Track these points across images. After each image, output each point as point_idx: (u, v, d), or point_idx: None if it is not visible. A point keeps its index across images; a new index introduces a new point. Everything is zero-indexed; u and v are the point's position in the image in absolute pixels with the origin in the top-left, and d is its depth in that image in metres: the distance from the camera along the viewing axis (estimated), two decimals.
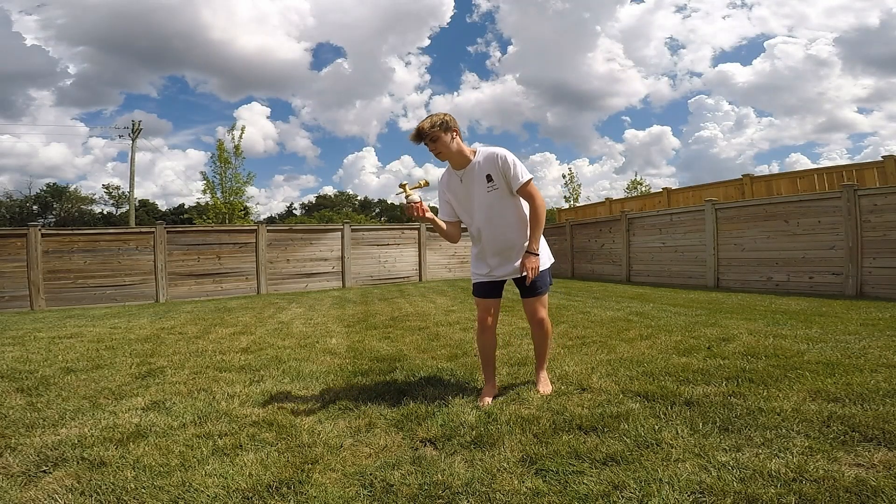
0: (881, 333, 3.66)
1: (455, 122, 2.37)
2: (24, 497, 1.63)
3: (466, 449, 1.90)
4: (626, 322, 4.70)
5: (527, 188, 2.36)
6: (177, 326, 5.53)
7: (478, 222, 2.45)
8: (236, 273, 10.16)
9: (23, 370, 3.46)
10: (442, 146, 2.33)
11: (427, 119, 2.35)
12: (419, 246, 12.12)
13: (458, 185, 2.45)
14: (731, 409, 2.15)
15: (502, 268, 2.47)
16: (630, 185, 29.24)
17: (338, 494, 1.59)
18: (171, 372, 3.31)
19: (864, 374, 2.58)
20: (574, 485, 1.58)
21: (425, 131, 2.30)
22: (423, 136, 2.32)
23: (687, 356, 3.18)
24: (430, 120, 2.33)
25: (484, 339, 2.55)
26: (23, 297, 8.40)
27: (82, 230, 9.77)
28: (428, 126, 2.31)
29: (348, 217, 38.63)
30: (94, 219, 43.45)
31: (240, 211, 21.04)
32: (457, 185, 2.46)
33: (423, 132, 2.31)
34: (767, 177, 10.03)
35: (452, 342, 4.02)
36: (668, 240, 9.49)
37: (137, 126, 27.06)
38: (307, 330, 5.01)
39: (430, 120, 2.33)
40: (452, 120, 2.36)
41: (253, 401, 2.60)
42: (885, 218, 6.21)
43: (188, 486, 1.66)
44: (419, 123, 2.35)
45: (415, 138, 2.36)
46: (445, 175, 2.53)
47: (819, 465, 1.61)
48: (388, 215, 57.72)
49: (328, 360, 3.52)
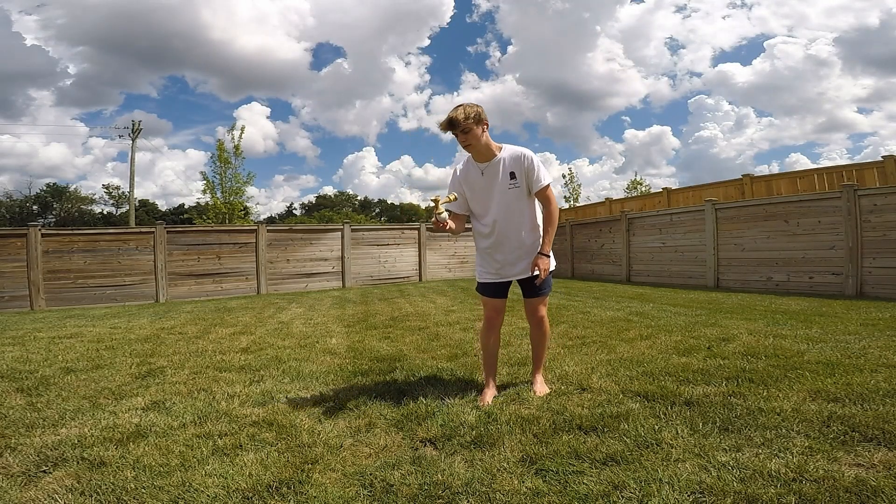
0: (881, 333, 3.66)
1: (485, 116, 2.35)
2: (24, 497, 1.63)
3: (466, 449, 1.90)
4: (626, 322, 4.70)
5: (545, 191, 2.42)
6: (177, 326, 5.53)
7: (493, 215, 2.45)
8: (236, 273, 10.16)
9: (23, 370, 3.46)
10: (473, 138, 2.32)
11: (461, 109, 2.29)
12: (419, 246, 12.12)
13: (479, 177, 2.43)
14: (731, 409, 2.15)
15: (510, 267, 2.48)
16: (630, 185, 29.21)
17: (338, 494, 1.59)
18: (171, 372, 3.31)
19: (864, 374, 2.58)
20: (574, 485, 1.58)
21: (459, 122, 2.27)
22: (455, 126, 2.29)
23: (687, 356, 3.18)
24: (463, 111, 2.28)
25: (490, 339, 2.56)
26: (23, 297, 8.40)
27: (82, 230, 9.77)
28: (462, 118, 2.27)
29: (348, 217, 38.63)
30: (94, 219, 43.45)
31: (240, 211, 21.03)
32: (476, 177, 2.43)
33: (456, 122, 2.28)
34: (767, 177, 10.02)
35: (452, 342, 4.02)
36: (668, 240, 9.49)
37: (137, 126, 27.06)
38: (307, 330, 5.01)
39: (465, 111, 2.28)
40: (484, 113, 2.34)
41: (253, 401, 2.60)
42: (885, 218, 6.21)
43: (188, 486, 1.66)
44: (452, 113, 2.30)
45: (445, 127, 2.31)
46: (464, 165, 2.48)
47: (819, 465, 1.61)
48: (388, 215, 57.76)
49: (328, 360, 3.52)
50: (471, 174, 2.45)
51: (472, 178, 2.45)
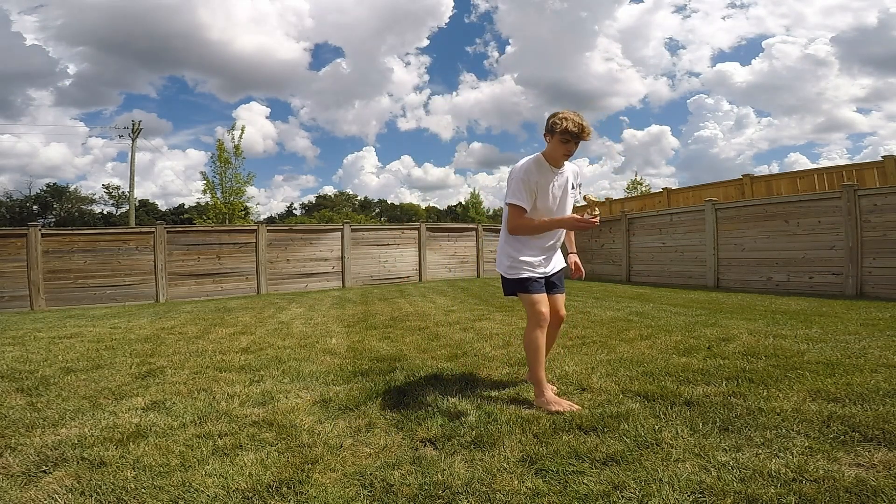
0: (881, 333, 3.66)
1: None
2: (24, 497, 1.63)
3: (466, 449, 1.90)
4: (626, 322, 4.70)
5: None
6: (177, 326, 5.53)
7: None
8: (236, 273, 10.15)
9: (23, 370, 3.46)
10: (575, 150, 2.38)
11: (586, 121, 2.30)
12: (419, 246, 12.11)
13: (554, 182, 2.43)
14: (731, 409, 2.15)
15: (548, 265, 2.56)
16: (630, 185, 29.27)
17: (338, 494, 1.59)
18: (171, 372, 3.31)
19: (864, 374, 2.58)
20: (574, 485, 1.58)
21: (586, 137, 2.30)
22: (584, 138, 2.30)
23: (687, 356, 3.18)
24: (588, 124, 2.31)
25: (544, 336, 2.47)
26: (23, 297, 8.40)
27: (82, 230, 9.76)
28: (589, 133, 2.30)
29: (348, 217, 38.62)
30: (94, 219, 43.46)
31: (240, 211, 21.05)
32: (551, 181, 2.42)
33: (587, 135, 2.30)
34: (767, 177, 10.02)
35: (452, 342, 4.02)
36: (668, 240, 9.49)
37: (137, 126, 27.05)
38: (307, 330, 5.01)
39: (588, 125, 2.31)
40: None
41: (253, 401, 2.60)
42: (885, 218, 6.21)
43: (188, 486, 1.66)
44: (585, 123, 2.29)
45: (578, 135, 2.28)
46: (536, 168, 2.40)
47: (819, 465, 1.61)
48: (387, 215, 57.75)
49: (328, 360, 3.52)
50: (546, 177, 2.42)
51: (545, 181, 2.42)
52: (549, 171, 2.40)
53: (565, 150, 2.32)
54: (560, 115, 2.29)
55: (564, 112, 2.31)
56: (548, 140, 2.37)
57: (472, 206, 37.28)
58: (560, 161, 2.41)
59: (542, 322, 2.42)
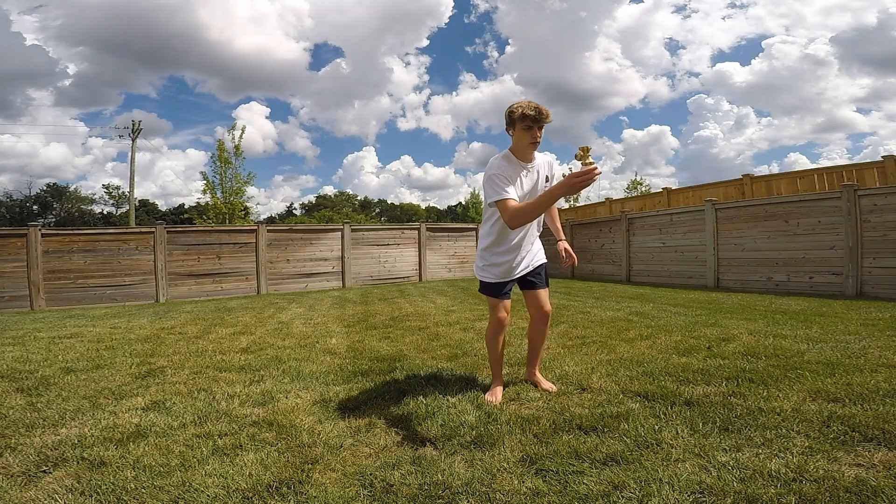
0: (881, 333, 3.66)
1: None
2: (24, 497, 1.63)
3: (466, 449, 1.90)
4: (626, 322, 4.70)
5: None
6: (177, 326, 5.53)
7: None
8: (236, 273, 10.15)
9: (23, 370, 3.46)
10: (540, 136, 2.32)
11: (542, 105, 2.26)
12: (419, 246, 12.12)
13: (524, 176, 2.39)
14: (731, 409, 2.15)
15: (518, 268, 2.52)
16: (630, 185, 29.25)
17: (338, 494, 1.59)
18: (171, 372, 3.31)
19: (864, 374, 2.58)
20: (574, 485, 1.58)
21: (546, 119, 2.26)
22: (543, 121, 2.26)
23: (687, 356, 3.18)
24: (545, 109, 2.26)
25: (502, 338, 2.57)
26: (23, 297, 8.40)
27: (82, 230, 9.76)
28: (547, 114, 2.25)
29: (348, 217, 38.63)
30: (94, 219, 43.47)
31: (240, 211, 21.05)
32: (521, 175, 2.38)
33: (545, 118, 2.25)
34: (767, 177, 10.01)
35: (452, 342, 4.02)
36: (668, 240, 9.49)
37: (137, 126, 27.06)
38: (307, 330, 5.01)
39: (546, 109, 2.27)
40: None
41: (253, 401, 2.60)
42: (885, 218, 6.20)
43: (188, 486, 1.66)
44: (540, 106, 2.24)
45: (537, 118, 2.24)
46: (505, 162, 2.35)
47: (819, 465, 1.61)
48: (387, 215, 57.74)
49: (328, 360, 3.52)
50: (515, 172, 2.36)
51: (514, 174, 2.36)
52: (519, 165, 2.37)
53: (530, 136, 2.27)
54: (514, 105, 2.29)
55: (518, 102, 2.30)
56: (511, 133, 2.34)
57: (472, 206, 37.26)
58: (528, 152, 2.34)
59: (498, 325, 2.54)
